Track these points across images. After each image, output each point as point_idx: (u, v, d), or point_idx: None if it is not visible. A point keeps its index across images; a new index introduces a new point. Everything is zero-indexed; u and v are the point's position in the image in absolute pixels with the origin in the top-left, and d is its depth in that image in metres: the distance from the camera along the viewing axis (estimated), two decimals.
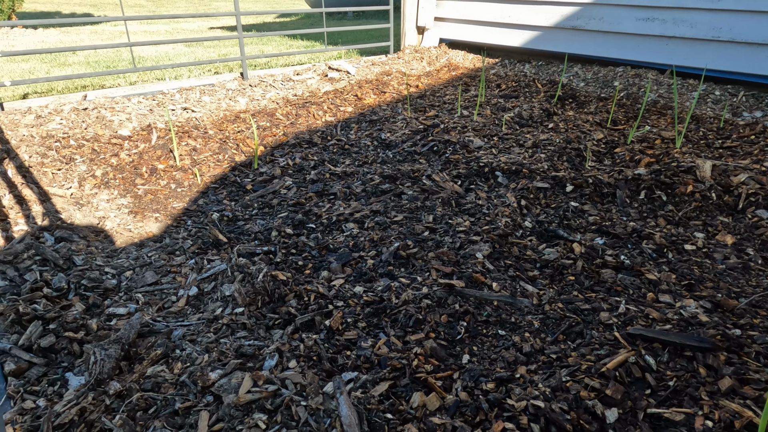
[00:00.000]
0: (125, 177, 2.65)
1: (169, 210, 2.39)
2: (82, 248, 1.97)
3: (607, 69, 4.71)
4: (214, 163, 2.89)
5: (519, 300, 1.65)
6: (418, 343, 1.45)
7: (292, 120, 3.64)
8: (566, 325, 1.54)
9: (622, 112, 3.63)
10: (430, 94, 4.30)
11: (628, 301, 1.64)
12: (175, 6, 13.02)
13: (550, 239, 2.06)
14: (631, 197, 2.38)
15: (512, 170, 2.60)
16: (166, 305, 1.68)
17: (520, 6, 5.15)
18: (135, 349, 1.43)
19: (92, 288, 1.73)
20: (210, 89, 4.18)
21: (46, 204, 2.31)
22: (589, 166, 2.70)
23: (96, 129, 3.14)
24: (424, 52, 5.66)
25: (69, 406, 1.20)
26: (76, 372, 1.36)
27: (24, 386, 1.31)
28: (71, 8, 11.77)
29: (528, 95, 4.16)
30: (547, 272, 1.83)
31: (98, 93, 3.98)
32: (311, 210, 2.32)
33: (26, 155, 2.70)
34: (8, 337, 1.45)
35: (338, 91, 4.37)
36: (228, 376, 1.28)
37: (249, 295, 1.63)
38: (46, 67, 5.47)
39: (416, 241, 2.00)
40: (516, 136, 3.15)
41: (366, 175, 2.68)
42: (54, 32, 8.08)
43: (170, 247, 2.04)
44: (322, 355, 1.39)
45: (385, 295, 1.66)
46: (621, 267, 1.83)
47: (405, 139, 3.19)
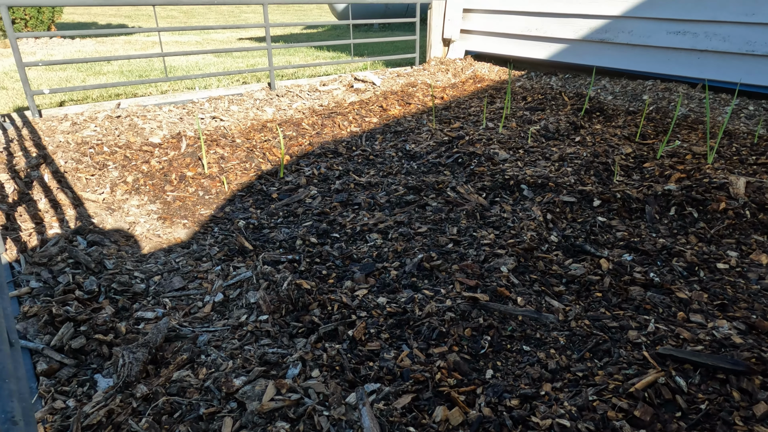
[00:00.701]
0: (155, 183, 2.71)
1: (197, 216, 2.44)
2: (113, 252, 2.01)
3: (636, 82, 4.64)
4: (241, 172, 2.93)
5: (544, 315, 1.62)
6: (441, 356, 1.44)
7: (318, 130, 3.69)
8: (593, 342, 1.51)
9: (651, 126, 3.57)
10: (455, 106, 4.30)
11: (658, 320, 1.60)
12: (205, 17, 13.36)
13: (576, 254, 2.03)
14: (660, 213, 2.33)
15: (538, 183, 2.57)
16: (192, 310, 1.70)
17: (547, 19, 5.13)
18: (161, 353, 1.45)
19: (122, 292, 1.76)
20: (238, 99, 4.26)
21: (79, 208, 2.38)
22: (617, 181, 2.66)
23: (128, 136, 3.23)
24: (450, 64, 5.67)
25: (97, 407, 1.23)
26: (105, 374, 1.39)
27: (55, 386, 1.34)
28: (107, 19, 12.18)
29: (554, 108, 4.12)
30: (574, 288, 1.80)
31: (131, 101, 4.10)
32: (335, 219, 2.34)
33: (62, 161, 2.79)
34: (41, 337, 1.49)
35: (363, 101, 4.40)
36: (252, 383, 1.29)
37: (273, 302, 1.65)
38: (82, 76, 5.66)
39: (440, 253, 1.99)
40: (542, 149, 3.13)
41: (390, 186, 2.68)
42: (90, 42, 8.36)
43: (197, 254, 2.08)
44: (344, 365, 1.39)
45: (409, 306, 1.65)
46: (650, 284, 1.79)
47: (429, 151, 3.19)
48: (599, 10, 4.70)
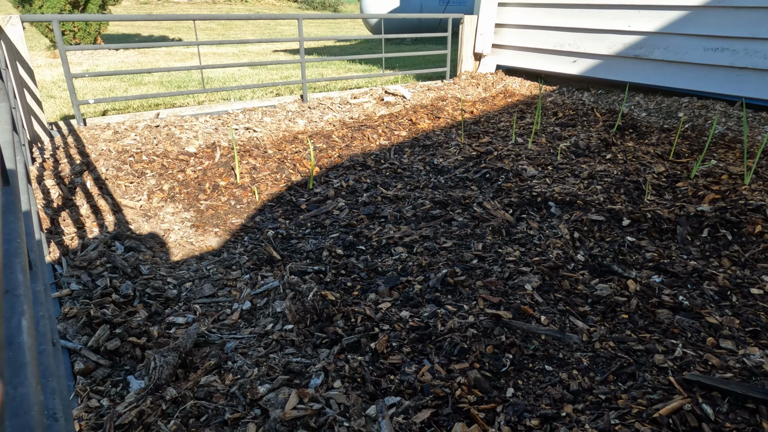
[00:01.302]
0: (189, 192, 2.81)
1: (228, 225, 2.51)
2: (148, 258, 2.10)
3: (672, 99, 4.56)
4: (271, 182, 3.01)
5: (568, 336, 1.61)
6: (462, 372, 1.45)
7: (348, 142, 3.75)
8: (617, 365, 1.49)
9: (686, 144, 3.50)
10: (485, 121, 4.31)
11: (686, 345, 1.57)
12: (243, 30, 13.74)
13: (603, 274, 2.00)
14: (692, 235, 2.28)
15: (566, 201, 2.55)
16: (221, 317, 1.76)
17: (580, 34, 5.10)
18: (191, 358, 1.51)
19: (155, 297, 1.84)
20: (271, 110, 4.37)
21: (118, 215, 2.49)
22: (648, 200, 2.62)
23: (166, 145, 3.36)
24: (480, 78, 5.68)
25: (129, 407, 1.28)
26: (137, 376, 1.45)
27: (90, 385, 1.41)
28: (149, 30, 12.66)
29: (585, 124, 4.08)
30: (599, 308, 1.78)
31: (169, 111, 4.26)
32: (362, 232, 2.37)
33: (103, 168, 2.92)
34: (79, 338, 1.57)
35: (393, 115, 4.46)
36: (275, 391, 1.33)
37: (299, 313, 1.69)
38: (125, 86, 5.90)
39: (464, 268, 2.00)
40: (571, 166, 3.10)
41: (417, 200, 2.71)
42: (133, 53, 8.71)
43: (227, 262, 2.15)
44: (366, 377, 1.42)
45: (431, 321, 1.67)
46: (679, 308, 1.76)
47: (457, 165, 3.21)
48: (634, 26, 4.64)
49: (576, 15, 5.06)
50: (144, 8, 17.09)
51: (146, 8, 17.12)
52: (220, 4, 19.36)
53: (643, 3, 4.52)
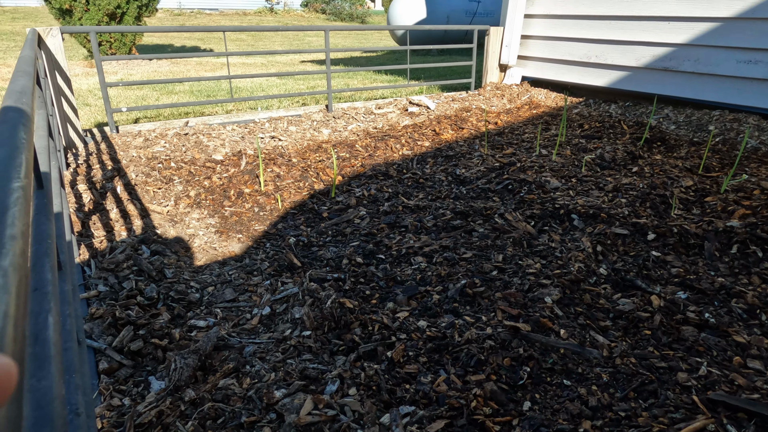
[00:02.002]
0: (215, 198, 2.87)
1: (251, 232, 2.55)
2: (172, 262, 2.15)
3: (702, 112, 4.46)
4: (294, 190, 3.05)
5: (588, 350, 1.59)
6: (478, 384, 1.44)
7: (371, 152, 3.78)
8: (638, 382, 1.46)
9: (716, 158, 3.41)
10: (509, 132, 4.29)
11: (711, 364, 1.53)
12: (271, 40, 14.02)
13: (626, 289, 1.97)
14: (720, 251, 2.22)
15: (589, 214, 2.52)
16: (240, 322, 1.79)
17: (607, 46, 5.04)
18: (210, 361, 1.53)
19: (178, 300, 1.88)
20: (297, 120, 4.45)
21: (145, 219, 2.56)
22: (674, 215, 2.56)
23: (193, 153, 3.44)
24: (505, 90, 5.67)
25: (149, 407, 1.31)
26: (158, 376, 1.48)
27: (113, 384, 1.44)
28: (182, 41, 13.03)
29: (612, 136, 4.03)
30: (621, 324, 1.75)
31: (198, 120, 4.37)
32: (382, 241, 2.38)
33: (133, 174, 3.01)
34: (104, 338, 1.61)
35: (417, 125, 4.47)
36: (291, 396, 1.34)
37: (317, 319, 1.70)
38: (156, 95, 6.08)
39: (484, 279, 1.99)
40: (596, 178, 3.06)
41: (438, 210, 2.71)
42: (165, 63, 8.97)
43: (249, 267, 2.18)
44: (381, 385, 1.42)
45: (449, 332, 1.66)
46: (705, 325, 1.71)
47: (480, 176, 3.20)
48: (663, 38, 4.57)
49: (603, 27, 5.01)
50: (177, 20, 17.61)
51: (179, 20, 17.64)
52: (251, 16, 19.81)
53: (672, 15, 4.45)
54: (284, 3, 21.71)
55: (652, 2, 4.57)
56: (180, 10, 19.26)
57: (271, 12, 20.67)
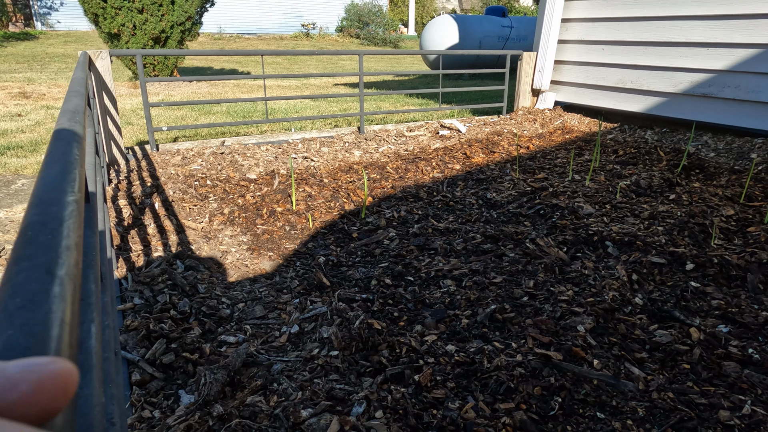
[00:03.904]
0: (247, 216, 2.93)
1: (282, 250, 2.59)
2: (205, 278, 2.19)
3: (743, 140, 4.33)
4: (325, 210, 3.09)
5: (623, 382, 1.53)
6: (508, 412, 1.41)
7: (401, 174, 3.80)
8: (677, 418, 1.40)
9: (759, 187, 3.30)
10: (541, 156, 4.25)
11: (755, 402, 1.45)
12: (306, 63, 14.39)
13: (663, 320, 1.90)
14: (764, 283, 2.13)
15: (624, 241, 2.46)
16: (269, 339, 1.80)
17: (643, 72, 4.98)
18: (238, 377, 1.55)
19: (209, 315, 1.91)
20: (329, 141, 4.52)
21: (181, 235, 2.63)
22: (715, 245, 2.48)
23: (228, 171, 3.53)
24: (538, 114, 5.64)
25: (178, 421, 1.33)
26: (188, 390, 1.50)
27: (144, 396, 1.47)
28: (221, 64, 13.51)
29: (648, 163, 3.95)
30: (658, 356, 1.68)
31: (234, 139, 4.49)
32: (411, 263, 2.38)
33: (171, 191, 3.11)
34: (138, 350, 1.65)
35: (448, 148, 4.49)
36: (317, 416, 1.34)
37: (345, 339, 1.70)
38: (195, 115, 6.29)
39: (514, 305, 1.96)
40: (631, 205, 3.00)
41: (468, 234, 2.69)
42: (205, 84, 9.30)
43: (279, 285, 2.21)
44: (408, 409, 1.40)
45: (477, 357, 1.63)
46: (748, 361, 1.63)
47: (511, 200, 3.17)
48: (701, 64, 4.49)
49: (639, 52, 4.96)
50: (217, 44, 18.29)
51: (219, 44, 18.32)
52: (287, 40, 20.42)
53: (711, 41, 4.38)
54: (320, 28, 22.29)
55: (689, 29, 4.51)
56: (220, 34, 20.02)
57: (306, 36, 21.25)
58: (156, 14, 8.28)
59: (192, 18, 8.85)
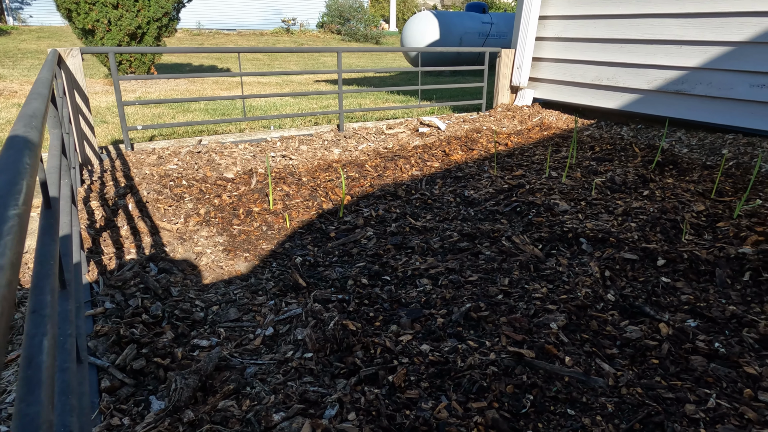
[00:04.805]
0: (224, 217, 2.90)
1: (258, 251, 2.57)
2: (179, 280, 2.17)
3: (715, 135, 4.42)
4: (303, 209, 3.07)
5: (593, 379, 1.56)
6: (480, 411, 1.42)
7: (380, 172, 3.80)
8: (644, 413, 1.42)
9: (729, 182, 3.37)
10: (519, 153, 4.28)
11: (720, 396, 1.49)
12: (287, 60, 14.26)
13: (634, 316, 1.93)
14: (732, 278, 2.18)
15: (598, 238, 2.50)
16: (243, 342, 1.79)
17: (619, 69, 5.05)
18: (211, 381, 1.53)
19: (182, 318, 1.89)
20: (308, 139, 4.49)
21: (155, 236, 2.59)
22: (685, 240, 2.53)
23: (205, 171, 3.49)
24: (517, 111, 5.68)
25: (148, 428, 1.31)
26: (159, 396, 1.49)
27: (114, 403, 1.45)
28: (200, 60, 13.32)
29: (623, 159, 4.00)
30: (628, 352, 1.71)
31: (211, 138, 4.44)
32: (388, 262, 2.38)
33: (145, 191, 3.06)
34: (108, 356, 1.62)
35: (427, 145, 4.50)
36: (290, 420, 1.33)
37: (319, 341, 1.70)
38: (172, 113, 6.20)
39: (489, 303, 1.98)
40: (606, 201, 3.04)
41: (445, 232, 2.70)
42: (183, 81, 9.16)
43: (254, 287, 2.19)
44: (381, 411, 1.40)
45: (451, 357, 1.64)
46: (714, 355, 1.67)
47: (488, 198, 3.19)
48: (675, 61, 4.57)
49: (615, 50, 5.02)
50: (196, 39, 18.02)
51: (198, 39, 18.05)
52: (267, 36, 20.20)
53: (684, 39, 4.45)
54: (300, 24, 22.10)
55: (663, 26, 4.58)
56: (199, 30, 19.72)
57: (287, 32, 21.05)
58: (132, 9, 8.12)
59: (169, 14, 8.70)
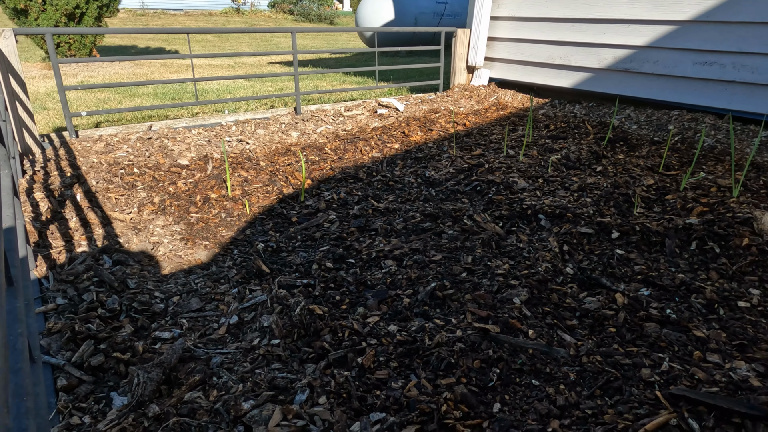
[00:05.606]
0: (180, 205, 2.80)
1: (218, 238, 2.50)
2: (135, 272, 2.09)
3: (662, 112, 4.60)
4: (263, 195, 3.01)
5: (555, 350, 1.61)
6: (449, 387, 1.44)
7: (340, 155, 3.76)
8: (604, 379, 1.49)
9: (675, 157, 3.53)
10: (477, 133, 4.33)
11: (673, 359, 1.57)
12: (239, 42, 13.81)
13: (591, 287, 2.01)
14: (681, 248, 2.29)
15: (556, 214, 2.56)
16: (207, 332, 1.75)
17: (571, 48, 5.15)
18: (175, 374, 1.49)
19: (142, 311, 1.82)
20: (264, 123, 4.39)
21: (107, 228, 2.48)
22: (637, 213, 2.63)
23: (158, 158, 3.36)
24: (473, 91, 5.73)
25: (111, 425, 1.27)
26: (120, 392, 1.44)
27: (72, 402, 1.39)
28: (146, 42, 12.72)
29: (577, 137, 4.11)
30: (587, 322, 1.78)
31: (163, 123, 4.26)
32: (352, 245, 2.37)
33: (94, 181, 2.92)
34: (63, 353, 1.55)
35: (386, 127, 4.48)
36: (260, 407, 1.32)
37: (286, 327, 1.68)
38: (119, 98, 5.91)
39: (453, 282, 2.00)
40: (562, 178, 3.12)
41: (408, 213, 2.71)
42: (129, 65, 8.74)
43: (216, 275, 2.14)
44: (351, 392, 1.41)
45: (419, 335, 1.66)
46: (666, 321, 1.76)
47: (449, 178, 3.22)
48: (623, 40, 4.70)
49: (567, 29, 5.12)
50: (140, 20, 17.17)
51: (142, 20, 17.20)
52: (217, 17, 19.48)
53: (632, 18, 4.58)
54: (251, 4, 21.42)
55: (611, 5, 4.70)
56: (143, 10, 18.79)
57: (237, 12, 20.36)
58: None
59: None
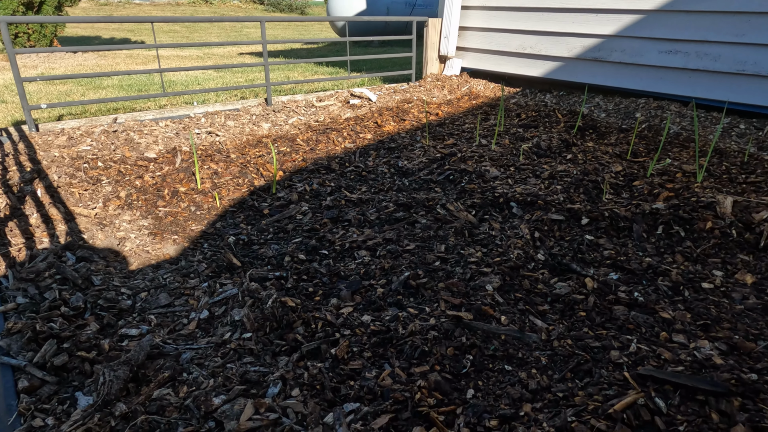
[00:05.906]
0: (148, 199, 2.73)
1: (188, 232, 2.45)
2: (101, 268, 2.02)
3: (629, 100, 4.69)
4: (233, 187, 2.95)
5: (527, 335, 1.63)
6: (423, 375, 1.44)
7: (312, 146, 3.72)
8: (575, 362, 1.51)
9: (643, 144, 3.60)
10: (450, 123, 4.34)
11: (640, 340, 1.61)
12: (207, 32, 13.50)
13: (562, 273, 2.04)
14: (648, 232, 2.34)
15: (527, 201, 2.59)
16: (177, 328, 1.71)
17: (541, 37, 5.20)
18: (143, 371, 1.46)
19: (108, 308, 1.77)
20: (235, 114, 4.30)
21: (70, 223, 2.40)
22: (606, 199, 2.68)
23: (124, 151, 3.26)
24: (446, 81, 5.73)
25: (75, 425, 1.23)
26: (86, 392, 1.39)
27: (35, 404, 1.34)
28: (110, 33, 12.31)
29: (547, 125, 4.16)
30: (558, 307, 1.81)
31: (128, 116, 4.14)
32: (325, 236, 2.35)
33: (56, 175, 2.81)
34: (24, 354, 1.49)
35: (359, 117, 4.44)
36: (231, 402, 1.29)
37: (258, 320, 1.65)
38: (82, 90, 5.71)
39: (427, 270, 2.00)
40: (533, 166, 3.15)
41: (381, 203, 2.70)
42: (92, 55, 8.45)
43: (185, 270, 2.09)
44: (325, 384, 1.39)
45: (392, 325, 1.66)
46: (634, 304, 1.80)
47: (422, 167, 3.22)
48: (591, 29, 4.76)
49: (536, 18, 5.15)
50: (104, 9, 16.61)
51: (106, 10, 16.65)
52: (184, 6, 19.00)
53: (600, 7, 4.64)
54: None
55: None
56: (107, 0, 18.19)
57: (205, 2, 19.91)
58: None
59: None
